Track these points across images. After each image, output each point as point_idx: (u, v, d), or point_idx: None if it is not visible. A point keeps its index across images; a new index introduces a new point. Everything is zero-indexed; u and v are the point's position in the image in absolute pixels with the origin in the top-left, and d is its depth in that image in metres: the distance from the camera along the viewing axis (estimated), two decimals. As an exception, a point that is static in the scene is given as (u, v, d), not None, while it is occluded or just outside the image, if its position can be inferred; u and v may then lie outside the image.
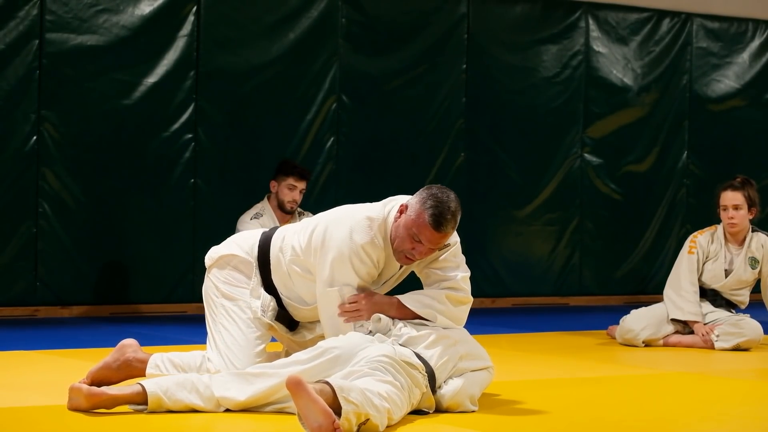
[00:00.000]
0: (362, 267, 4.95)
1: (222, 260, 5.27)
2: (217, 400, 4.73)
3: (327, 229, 4.99)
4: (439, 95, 10.56)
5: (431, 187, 4.96)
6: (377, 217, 5.00)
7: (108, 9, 9.21)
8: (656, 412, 5.17)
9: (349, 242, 4.92)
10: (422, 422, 4.66)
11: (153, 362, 5.17)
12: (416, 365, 4.73)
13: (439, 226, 4.88)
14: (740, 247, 7.86)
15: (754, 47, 12.08)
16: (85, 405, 4.67)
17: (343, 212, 5.08)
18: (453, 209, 4.90)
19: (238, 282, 5.20)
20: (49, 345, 7.30)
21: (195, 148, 9.57)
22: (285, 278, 5.11)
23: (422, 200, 4.92)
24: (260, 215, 8.72)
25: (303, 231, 5.10)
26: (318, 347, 4.79)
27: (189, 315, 9.43)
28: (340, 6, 10.09)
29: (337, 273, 4.92)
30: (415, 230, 4.88)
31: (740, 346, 7.65)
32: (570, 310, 10.75)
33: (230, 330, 5.10)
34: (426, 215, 4.87)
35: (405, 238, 4.92)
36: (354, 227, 4.95)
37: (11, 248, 8.99)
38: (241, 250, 5.22)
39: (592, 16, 11.24)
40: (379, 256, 4.99)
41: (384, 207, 5.07)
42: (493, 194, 10.84)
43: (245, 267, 5.20)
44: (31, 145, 9.00)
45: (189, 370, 5.11)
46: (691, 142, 11.78)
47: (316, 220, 5.11)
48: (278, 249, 5.13)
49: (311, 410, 4.22)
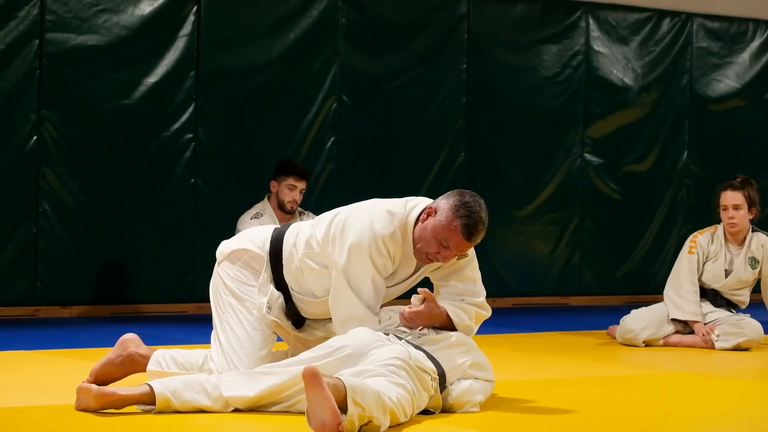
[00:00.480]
0: (379, 258, 4.95)
1: (233, 255, 5.22)
2: (225, 400, 4.72)
3: (348, 218, 5.01)
4: (439, 95, 10.56)
5: (463, 194, 4.97)
6: (399, 213, 5.01)
7: (108, 9, 9.21)
8: (656, 412, 5.17)
9: (369, 231, 4.94)
10: (424, 422, 4.65)
11: (155, 359, 5.15)
12: (428, 369, 4.74)
13: (470, 236, 4.92)
14: (740, 247, 7.86)
15: (755, 47, 12.08)
16: (95, 405, 4.65)
17: (365, 204, 5.11)
18: (484, 219, 4.95)
19: (248, 279, 5.17)
20: (50, 345, 7.30)
21: (195, 148, 9.57)
22: (297, 273, 5.10)
23: (454, 207, 4.92)
24: (260, 215, 8.72)
25: (319, 224, 5.10)
26: (328, 345, 4.78)
27: (189, 315, 9.43)
28: (341, 6, 10.09)
29: (354, 260, 4.92)
30: (445, 236, 4.90)
31: (740, 346, 7.65)
32: (570, 310, 10.76)
33: (236, 331, 5.08)
34: (458, 223, 4.89)
35: (432, 242, 4.93)
36: (375, 217, 4.97)
37: (12, 248, 8.99)
38: (254, 245, 5.19)
39: (593, 16, 11.24)
40: (396, 251, 5.00)
41: (405, 204, 5.07)
42: (494, 194, 10.82)
43: (256, 262, 5.17)
44: (31, 145, 9.00)
45: (191, 368, 5.10)
46: (692, 142, 11.78)
47: (335, 211, 5.12)
48: (292, 244, 5.11)
49: (320, 406, 4.22)
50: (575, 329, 8.88)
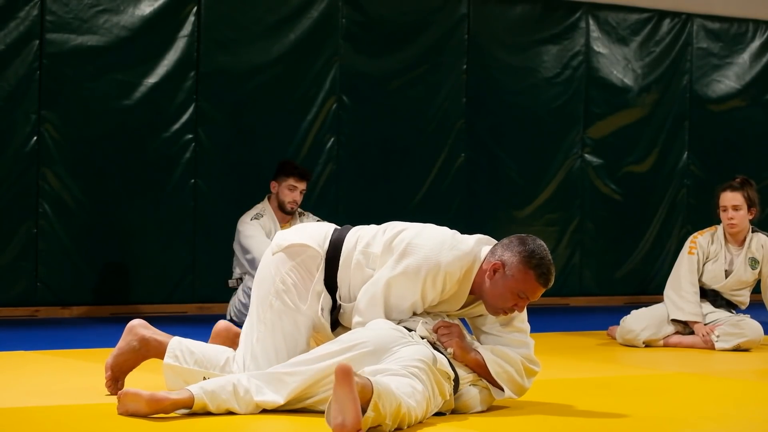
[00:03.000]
0: (431, 290, 4.87)
1: (291, 250, 5.00)
2: (255, 404, 4.64)
3: (416, 237, 4.89)
4: (439, 96, 10.56)
5: (525, 241, 4.89)
6: (469, 254, 4.90)
7: (108, 9, 9.21)
8: (656, 413, 5.17)
9: (435, 260, 4.84)
10: (424, 422, 4.65)
11: (171, 351, 5.00)
12: (449, 374, 4.72)
13: (548, 282, 4.92)
14: (740, 247, 7.86)
15: (755, 48, 12.08)
16: (146, 410, 4.50)
17: (434, 228, 4.99)
18: (552, 261, 4.93)
19: (298, 283, 4.96)
20: (50, 345, 7.29)
21: (195, 149, 9.57)
22: (350, 277, 4.95)
23: (524, 259, 4.85)
24: (261, 216, 8.72)
25: (382, 233, 4.98)
26: (349, 339, 4.68)
27: (189, 315, 9.42)
28: (341, 6, 10.09)
29: (405, 279, 4.79)
30: (522, 288, 4.86)
31: (741, 347, 7.65)
32: (570, 311, 10.75)
33: (274, 338, 4.91)
34: (533, 274, 4.86)
35: (508, 297, 4.87)
36: (445, 249, 4.87)
37: (12, 248, 8.98)
38: (315, 242, 5.00)
39: (593, 17, 11.24)
40: (452, 288, 4.92)
41: (475, 244, 4.94)
42: (494, 195, 10.84)
43: (312, 262, 4.97)
44: (31, 145, 9.00)
45: (210, 367, 4.95)
46: (692, 142, 11.78)
47: (401, 227, 4.98)
48: (352, 246, 4.96)
49: (346, 406, 4.14)
50: (575, 330, 8.87)
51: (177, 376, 4.98)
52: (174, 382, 4.97)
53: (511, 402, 5.12)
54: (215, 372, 4.93)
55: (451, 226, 5.12)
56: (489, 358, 4.91)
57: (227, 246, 8.89)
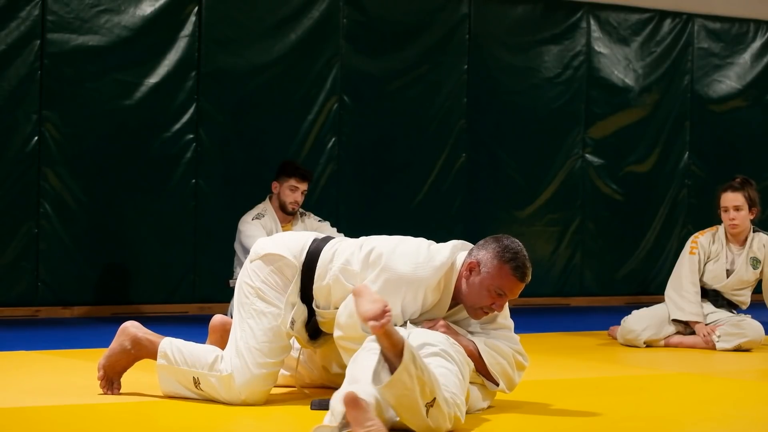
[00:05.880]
0: (412, 303, 4.89)
1: (268, 258, 5.10)
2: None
3: (392, 254, 4.89)
4: (440, 96, 10.56)
5: (499, 239, 4.93)
6: (445, 262, 4.91)
7: (109, 9, 9.22)
8: (657, 413, 5.17)
9: (412, 275, 4.85)
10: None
11: (162, 351, 5.09)
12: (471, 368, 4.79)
13: (523, 276, 4.94)
14: (741, 247, 7.86)
15: (756, 48, 12.08)
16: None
17: (412, 244, 4.99)
18: (527, 256, 4.95)
19: (277, 286, 5.06)
20: (50, 345, 7.30)
21: (196, 149, 9.57)
22: (326, 291, 5.00)
23: (497, 254, 4.88)
24: (262, 216, 8.72)
25: (359, 249, 4.99)
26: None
27: (190, 315, 9.43)
28: (342, 6, 10.09)
29: (382, 294, 4.73)
30: (498, 284, 4.87)
31: (741, 347, 7.65)
32: (571, 311, 10.75)
33: (256, 335, 4.98)
34: (508, 269, 4.88)
35: (484, 296, 4.89)
36: (422, 262, 4.88)
37: (12, 248, 8.99)
38: (290, 253, 5.07)
39: (594, 17, 11.24)
40: (434, 298, 4.94)
41: (452, 253, 4.96)
42: (495, 195, 10.84)
43: (288, 270, 5.06)
44: (32, 145, 9.00)
45: (199, 366, 5.01)
46: (693, 142, 11.78)
47: (376, 242, 5.00)
48: (328, 260, 5.01)
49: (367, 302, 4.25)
50: (576, 330, 8.87)
51: (170, 375, 5.07)
52: (167, 382, 5.09)
53: (511, 402, 5.12)
54: (203, 371, 4.99)
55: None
56: (483, 348, 4.94)
57: (228, 246, 8.88)
